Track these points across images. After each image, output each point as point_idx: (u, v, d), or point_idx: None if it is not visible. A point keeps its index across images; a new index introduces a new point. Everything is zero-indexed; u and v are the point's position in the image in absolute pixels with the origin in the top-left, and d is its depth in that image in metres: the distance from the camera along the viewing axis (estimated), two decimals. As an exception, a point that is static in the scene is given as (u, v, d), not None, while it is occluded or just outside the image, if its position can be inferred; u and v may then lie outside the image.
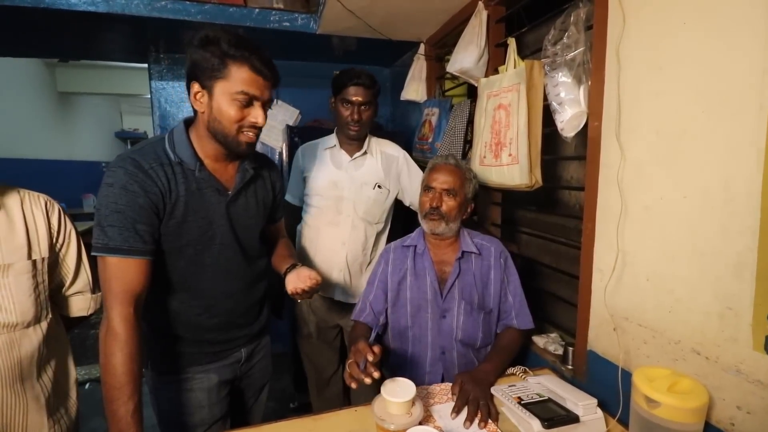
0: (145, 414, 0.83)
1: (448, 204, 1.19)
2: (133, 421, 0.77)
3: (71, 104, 5.62)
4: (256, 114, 0.91)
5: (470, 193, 1.24)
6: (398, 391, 0.87)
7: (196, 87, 0.89)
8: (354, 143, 1.56)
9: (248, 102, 0.90)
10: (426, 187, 1.23)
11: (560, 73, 1.11)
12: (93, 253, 0.84)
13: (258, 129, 0.94)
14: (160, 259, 0.93)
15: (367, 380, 0.87)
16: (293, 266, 1.11)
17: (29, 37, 2.35)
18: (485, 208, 1.70)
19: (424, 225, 1.23)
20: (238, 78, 0.87)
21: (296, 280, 1.04)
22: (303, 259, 1.59)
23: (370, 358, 0.87)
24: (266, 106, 0.94)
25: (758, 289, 0.70)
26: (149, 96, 2.70)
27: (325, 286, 1.56)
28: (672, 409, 0.74)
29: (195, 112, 0.95)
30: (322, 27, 2.01)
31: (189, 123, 0.98)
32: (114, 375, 0.78)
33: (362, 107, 1.48)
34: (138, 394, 0.79)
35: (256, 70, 0.88)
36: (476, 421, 0.92)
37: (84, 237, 3.43)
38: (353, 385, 0.89)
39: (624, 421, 0.91)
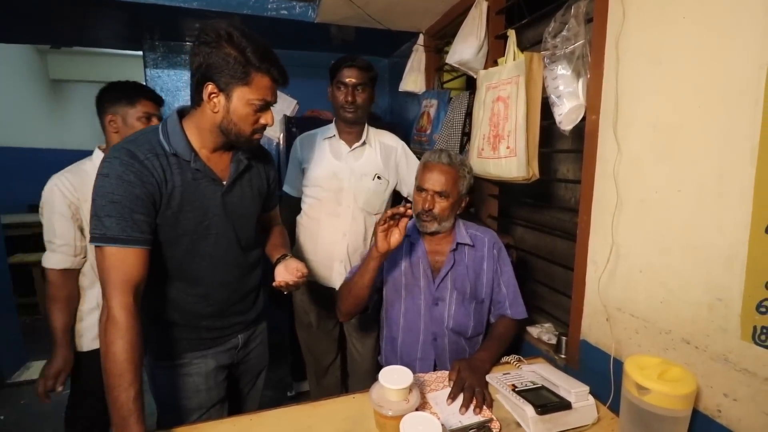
0: (146, 400, 0.84)
1: (441, 205, 1.18)
2: (134, 408, 0.77)
3: (63, 92, 5.52)
4: (267, 117, 0.97)
5: (464, 189, 1.23)
6: (396, 378, 0.88)
7: (211, 87, 0.90)
8: (353, 132, 1.56)
9: (264, 107, 0.95)
10: (418, 188, 1.22)
11: (559, 66, 1.11)
12: (91, 243, 0.85)
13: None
14: (156, 248, 0.93)
15: (396, 236, 1.06)
16: (284, 257, 1.14)
17: (20, 22, 2.31)
18: (482, 200, 1.72)
19: (418, 224, 1.24)
20: (261, 86, 0.91)
21: (284, 272, 1.09)
22: (303, 250, 1.60)
23: (408, 212, 1.02)
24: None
25: (748, 281, 0.72)
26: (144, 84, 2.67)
27: (326, 277, 1.58)
28: (661, 396, 0.76)
29: (193, 103, 0.95)
30: (321, 15, 1.99)
31: (182, 113, 0.98)
32: (115, 362, 0.78)
33: (356, 89, 1.48)
34: (139, 381, 0.80)
35: (275, 80, 0.94)
36: (471, 407, 0.95)
37: (79, 227, 3.24)
38: (382, 227, 1.05)
39: (615, 408, 0.94)
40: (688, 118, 0.83)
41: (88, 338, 1.33)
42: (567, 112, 1.10)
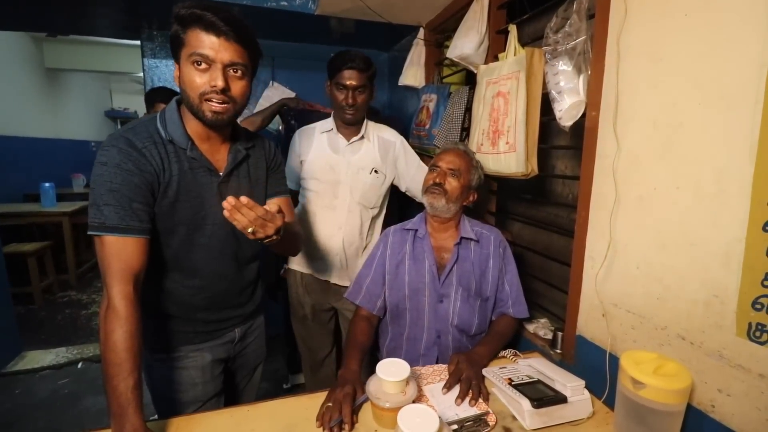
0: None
1: (452, 184, 1.21)
2: (132, 397, 0.77)
3: (59, 81, 5.46)
4: (212, 77, 0.85)
5: (474, 180, 1.26)
6: (393, 370, 0.89)
7: (175, 65, 0.90)
8: (351, 127, 1.56)
9: (204, 65, 0.85)
10: (432, 167, 1.27)
11: (561, 62, 1.11)
12: (90, 233, 0.84)
13: (225, 97, 0.88)
14: (153, 238, 0.92)
15: None
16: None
17: (16, 10, 2.27)
18: (480, 195, 1.71)
19: (425, 200, 1.24)
20: (193, 40, 0.84)
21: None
22: (299, 242, 1.60)
23: (347, 428, 0.86)
24: (231, 69, 0.88)
25: (744, 278, 0.73)
26: (141, 74, 2.65)
27: (321, 270, 1.58)
28: (657, 391, 0.77)
29: None
30: (321, 8, 1.98)
31: (180, 102, 0.97)
32: (114, 351, 0.78)
33: (356, 91, 1.47)
34: (138, 371, 0.80)
35: (207, 27, 0.83)
36: (467, 400, 0.95)
37: (74, 217, 3.44)
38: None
39: (609, 403, 0.95)
40: (688, 115, 0.83)
41: None
42: (567, 108, 1.10)
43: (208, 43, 0.84)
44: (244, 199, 0.83)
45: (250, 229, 0.86)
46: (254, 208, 0.84)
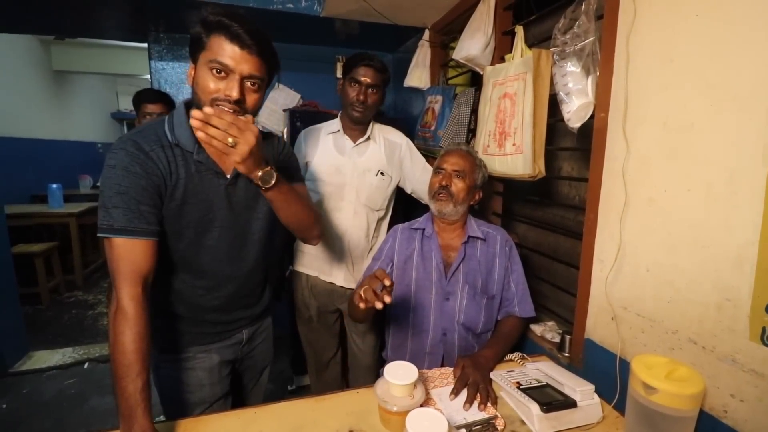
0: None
1: (457, 185, 1.22)
2: (141, 398, 0.77)
3: (66, 83, 5.50)
4: (228, 86, 0.86)
5: (479, 180, 1.27)
6: (401, 374, 0.88)
7: (191, 64, 0.90)
8: (357, 128, 1.55)
9: (223, 73, 0.86)
10: (437, 169, 1.27)
11: (569, 63, 1.10)
12: (99, 235, 0.84)
13: (238, 107, 0.87)
14: (162, 240, 0.92)
15: (379, 305, 0.89)
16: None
17: (24, 13, 2.30)
18: (486, 197, 1.71)
19: (432, 205, 1.25)
20: (215, 46, 0.85)
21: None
22: (305, 244, 1.59)
23: (387, 283, 0.89)
24: (249, 81, 0.88)
25: (758, 282, 0.72)
26: (148, 77, 2.67)
27: (327, 272, 1.57)
28: (669, 396, 0.76)
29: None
30: (327, 10, 1.98)
31: (189, 105, 0.97)
32: (123, 353, 0.78)
33: (369, 89, 1.47)
34: (146, 372, 0.80)
35: (232, 37, 0.84)
36: (475, 404, 0.95)
37: (81, 218, 3.48)
38: (362, 305, 0.92)
39: (620, 408, 0.94)
40: (700, 116, 0.82)
41: None
42: (576, 110, 1.09)
43: (230, 53, 0.84)
44: (207, 109, 0.77)
45: (230, 140, 0.79)
46: (222, 114, 0.78)
